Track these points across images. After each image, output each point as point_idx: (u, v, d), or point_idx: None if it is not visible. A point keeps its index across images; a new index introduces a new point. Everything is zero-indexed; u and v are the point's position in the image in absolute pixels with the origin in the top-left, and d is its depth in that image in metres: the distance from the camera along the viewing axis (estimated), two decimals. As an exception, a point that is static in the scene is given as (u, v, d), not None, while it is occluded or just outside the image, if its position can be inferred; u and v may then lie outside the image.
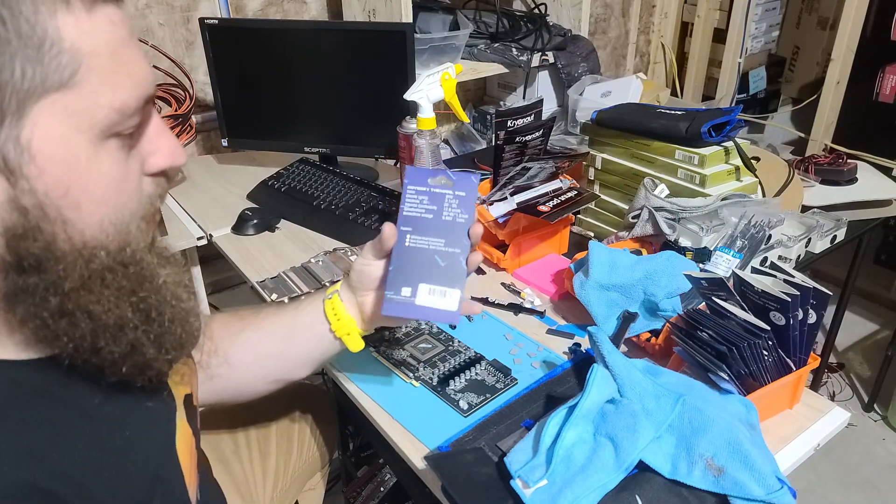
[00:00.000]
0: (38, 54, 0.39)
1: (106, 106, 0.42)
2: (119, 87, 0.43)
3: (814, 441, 0.77)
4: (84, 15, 0.40)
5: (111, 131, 0.43)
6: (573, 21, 2.00)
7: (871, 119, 2.11)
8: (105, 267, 0.44)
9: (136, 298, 0.46)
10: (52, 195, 0.41)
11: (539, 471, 0.67)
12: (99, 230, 0.44)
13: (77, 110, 0.41)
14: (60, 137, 0.41)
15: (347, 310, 0.77)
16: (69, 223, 0.42)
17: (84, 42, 0.40)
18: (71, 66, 0.40)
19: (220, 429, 1.02)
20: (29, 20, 0.38)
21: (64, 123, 0.41)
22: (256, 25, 1.48)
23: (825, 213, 1.27)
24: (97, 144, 0.43)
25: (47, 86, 0.39)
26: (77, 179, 0.42)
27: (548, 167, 1.11)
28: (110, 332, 0.45)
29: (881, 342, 2.13)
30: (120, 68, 0.43)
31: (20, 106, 0.39)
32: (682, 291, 0.89)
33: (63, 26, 0.39)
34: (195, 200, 1.44)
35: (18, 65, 0.38)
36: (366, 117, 1.43)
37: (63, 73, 0.40)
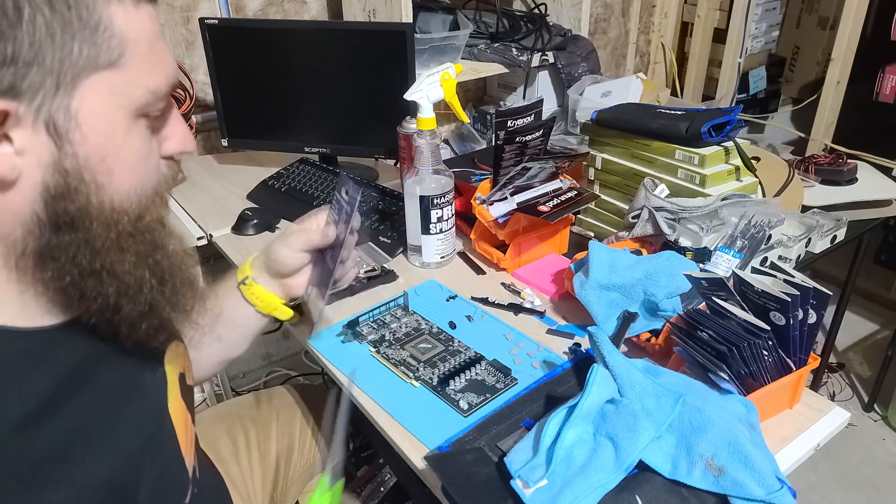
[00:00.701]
0: (94, 36, 0.45)
1: (143, 87, 0.48)
2: (155, 72, 0.49)
3: (814, 441, 0.77)
4: (132, 7, 0.47)
5: (144, 111, 0.49)
6: (573, 21, 2.00)
7: (871, 119, 2.11)
8: (127, 232, 0.50)
9: (151, 261, 0.52)
10: (91, 161, 0.47)
11: (539, 471, 0.67)
12: (126, 198, 0.50)
13: (120, 88, 0.47)
14: (104, 110, 0.47)
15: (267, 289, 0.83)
16: (102, 188, 0.48)
17: (130, 30, 0.47)
18: (119, 48, 0.46)
19: (219, 430, 1.02)
20: (88, 6, 0.44)
21: (108, 99, 0.47)
22: (256, 25, 1.48)
23: (825, 213, 1.27)
24: (131, 121, 0.49)
25: (98, 64, 0.45)
26: (113, 149, 0.48)
27: (548, 167, 1.11)
28: (132, 292, 0.51)
29: (881, 342, 2.13)
30: (155, 57, 0.49)
31: (74, 79, 0.45)
32: (682, 291, 0.89)
33: (115, 15, 0.46)
34: (195, 200, 1.44)
35: (77, 44, 0.44)
36: (366, 117, 1.43)
37: (112, 54, 0.46)
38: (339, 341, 0.95)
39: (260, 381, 2.01)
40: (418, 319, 0.99)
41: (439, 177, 1.08)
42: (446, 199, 1.08)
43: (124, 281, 0.50)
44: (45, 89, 0.44)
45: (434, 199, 1.06)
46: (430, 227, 1.09)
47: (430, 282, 1.09)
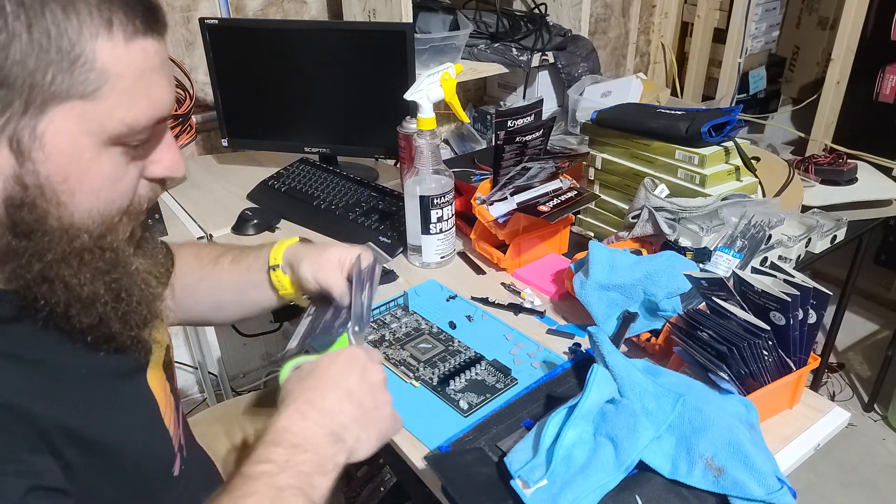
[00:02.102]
0: (71, 68, 0.46)
1: (118, 120, 0.49)
2: (134, 107, 0.49)
3: (814, 441, 0.78)
4: (122, 43, 0.48)
5: (118, 141, 0.50)
6: (573, 21, 2.00)
7: (871, 119, 2.11)
8: (85, 248, 0.51)
9: (109, 278, 0.53)
10: (52, 180, 0.48)
11: (539, 471, 0.67)
12: (87, 216, 0.51)
13: (91, 118, 0.48)
14: (70, 136, 0.48)
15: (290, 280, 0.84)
16: (62, 205, 0.49)
17: (114, 65, 0.47)
18: (97, 82, 0.47)
19: (217, 430, 1.02)
20: (71, 39, 0.46)
21: (76, 126, 0.47)
22: (256, 25, 1.48)
23: (825, 213, 1.27)
24: (102, 148, 0.49)
25: (71, 94, 0.46)
26: (76, 172, 0.49)
27: (548, 167, 1.11)
28: (82, 304, 0.52)
29: (881, 342, 2.13)
30: (140, 91, 0.50)
31: (43, 103, 0.46)
32: (682, 291, 0.89)
33: (100, 49, 0.47)
34: (195, 200, 1.44)
35: (51, 72, 0.45)
36: (366, 117, 1.43)
37: (87, 87, 0.47)
38: (339, 341, 0.95)
39: (260, 381, 2.01)
40: (418, 319, 0.99)
41: (439, 177, 1.08)
42: (446, 199, 1.08)
43: (76, 293, 0.51)
44: (12, 109, 0.45)
45: (434, 199, 1.06)
46: (430, 227, 1.09)
47: (430, 282, 1.09)
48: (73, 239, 0.50)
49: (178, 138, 1.42)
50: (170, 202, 1.44)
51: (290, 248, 0.84)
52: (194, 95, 1.48)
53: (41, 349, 0.52)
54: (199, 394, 1.96)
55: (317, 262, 0.80)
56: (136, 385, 0.63)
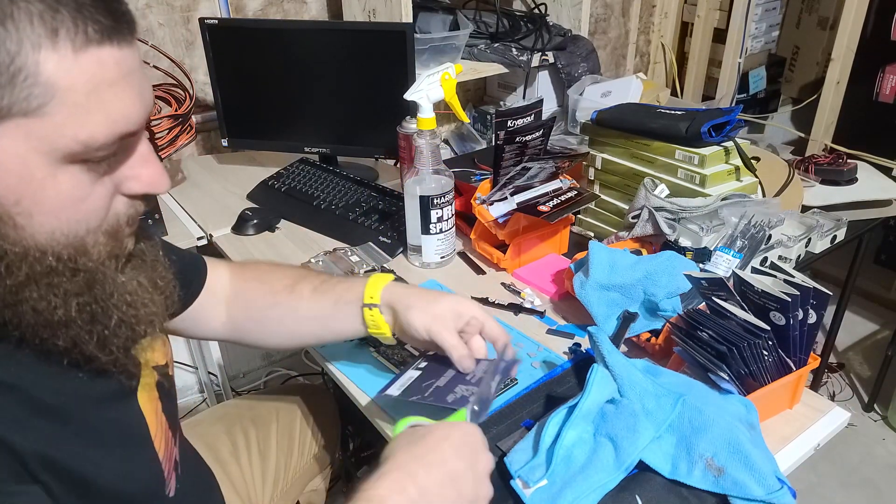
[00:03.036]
0: (11, 83, 0.41)
1: (70, 137, 0.44)
2: (89, 122, 0.45)
3: (814, 441, 0.78)
4: (69, 54, 0.43)
5: (74, 158, 0.46)
6: (573, 21, 2.00)
7: (871, 119, 2.11)
8: (52, 270, 0.47)
9: (82, 300, 0.49)
10: (4, 202, 0.44)
11: (539, 471, 0.67)
12: (49, 238, 0.47)
13: (39, 136, 0.43)
14: (18, 155, 0.43)
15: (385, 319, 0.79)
16: (20, 228, 0.46)
17: (62, 78, 0.43)
18: (41, 97, 0.42)
19: (218, 430, 1.02)
20: (10, 52, 0.41)
21: (24, 144, 0.43)
22: (256, 25, 1.48)
23: (825, 213, 1.27)
24: (57, 166, 0.45)
25: (12, 111, 0.42)
26: (30, 193, 0.45)
27: (548, 167, 1.11)
28: (53, 328, 0.49)
29: (881, 342, 2.13)
30: (96, 106, 0.45)
31: None
32: (682, 291, 0.89)
33: (44, 61, 0.42)
34: (195, 200, 1.44)
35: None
36: (366, 117, 1.43)
37: (31, 103, 0.42)
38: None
39: (260, 381, 2.01)
40: (418, 319, 0.99)
41: (439, 177, 1.08)
42: (446, 199, 1.08)
43: (44, 317, 0.48)
44: None
45: (434, 199, 1.06)
46: (430, 227, 1.09)
47: (430, 282, 1.09)
48: (37, 262, 0.47)
49: (177, 138, 1.41)
50: (170, 202, 1.44)
51: (391, 289, 0.78)
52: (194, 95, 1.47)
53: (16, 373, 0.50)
54: (199, 394, 1.96)
55: (430, 313, 0.74)
56: (121, 410, 0.60)
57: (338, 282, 0.83)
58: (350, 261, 1.13)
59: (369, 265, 1.11)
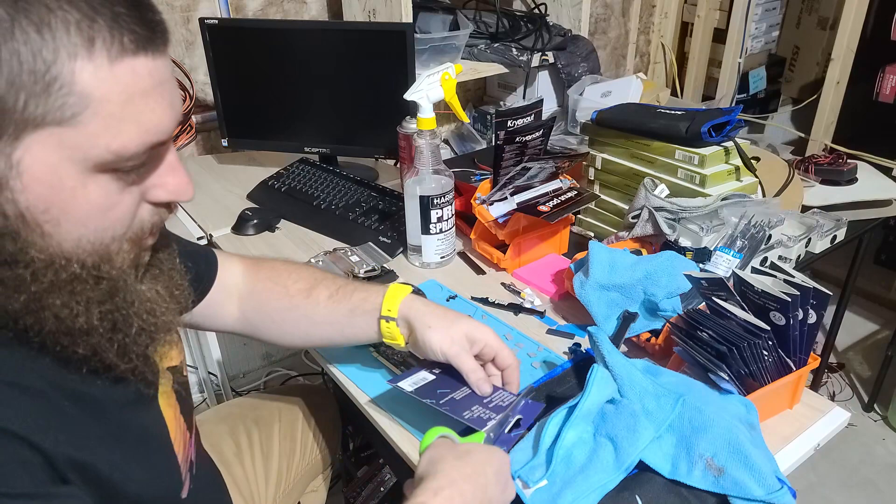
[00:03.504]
0: (46, 92, 0.42)
1: (102, 147, 0.44)
2: (122, 133, 0.45)
3: (814, 441, 0.77)
4: (105, 64, 0.43)
5: (105, 168, 0.46)
6: (573, 21, 2.00)
7: (871, 119, 2.11)
8: (76, 278, 0.47)
9: (104, 309, 0.49)
10: (33, 210, 0.44)
11: (539, 471, 0.67)
12: (76, 246, 0.47)
13: (71, 145, 0.44)
14: (49, 164, 0.44)
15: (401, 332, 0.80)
16: (47, 235, 0.46)
17: (97, 88, 0.43)
18: (76, 107, 0.43)
19: (222, 430, 1.02)
20: (46, 61, 0.41)
21: (55, 153, 0.43)
22: (256, 25, 1.48)
23: (825, 213, 1.27)
24: (87, 175, 0.45)
25: (47, 120, 0.42)
26: (59, 201, 0.45)
27: (548, 167, 1.11)
28: (74, 335, 0.48)
29: (881, 342, 2.13)
30: (129, 116, 0.45)
31: (17, 131, 0.42)
32: (682, 291, 0.89)
33: (79, 71, 0.42)
34: (195, 200, 1.42)
35: (22, 97, 0.41)
36: (366, 117, 1.43)
37: (65, 112, 0.42)
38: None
39: (260, 381, 2.01)
40: (418, 319, 0.99)
41: (439, 177, 1.08)
42: (446, 199, 1.08)
43: (66, 325, 0.48)
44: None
45: (434, 199, 1.06)
46: (430, 227, 1.09)
47: (430, 282, 1.09)
48: (62, 269, 0.47)
49: (177, 138, 1.41)
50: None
51: (409, 304, 0.79)
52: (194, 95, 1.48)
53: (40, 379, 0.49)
54: (199, 394, 1.96)
55: (448, 335, 0.75)
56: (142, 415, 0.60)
57: (354, 289, 0.83)
58: (350, 261, 1.13)
59: (369, 265, 1.11)
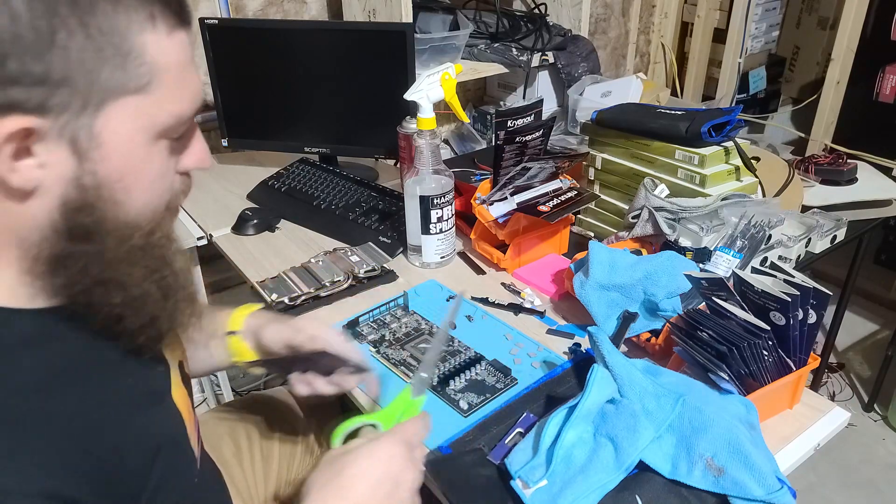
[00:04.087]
0: (125, 63, 0.46)
1: (168, 112, 0.50)
2: (180, 98, 0.50)
3: (814, 441, 0.78)
4: (165, 36, 0.48)
5: (166, 134, 0.51)
6: (573, 21, 2.00)
7: (871, 119, 2.11)
8: (139, 246, 0.51)
9: (158, 276, 0.53)
10: (110, 179, 0.48)
11: (539, 471, 0.67)
12: (140, 213, 0.51)
13: (144, 112, 0.48)
14: (126, 132, 0.48)
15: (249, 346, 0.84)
16: (119, 204, 0.49)
17: (161, 58, 0.48)
18: (148, 75, 0.47)
19: (221, 431, 1.02)
20: (122, 34, 0.46)
21: (131, 122, 0.48)
22: (256, 25, 1.48)
23: (825, 213, 1.27)
24: (152, 142, 0.50)
25: (127, 89, 0.47)
26: (132, 169, 0.49)
27: (548, 167, 1.11)
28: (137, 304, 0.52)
29: (881, 342, 2.13)
30: (183, 83, 0.51)
31: (101, 101, 0.46)
32: (682, 291, 0.89)
33: (147, 43, 0.47)
34: (195, 200, 1.44)
35: (107, 69, 0.45)
36: (366, 117, 1.43)
37: (141, 80, 0.47)
38: (339, 341, 0.95)
39: (260, 380, 2.01)
40: (418, 319, 0.99)
41: (439, 177, 1.08)
42: (446, 199, 1.08)
43: (131, 293, 0.51)
44: (71, 109, 0.45)
45: (434, 199, 1.06)
46: (430, 227, 1.09)
47: (430, 282, 1.09)
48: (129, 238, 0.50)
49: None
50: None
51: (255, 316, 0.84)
52: (194, 95, 1.48)
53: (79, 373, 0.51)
54: (200, 394, 1.96)
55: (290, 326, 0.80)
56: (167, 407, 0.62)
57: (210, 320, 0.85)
58: (350, 261, 1.13)
59: (369, 265, 1.11)
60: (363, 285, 1.08)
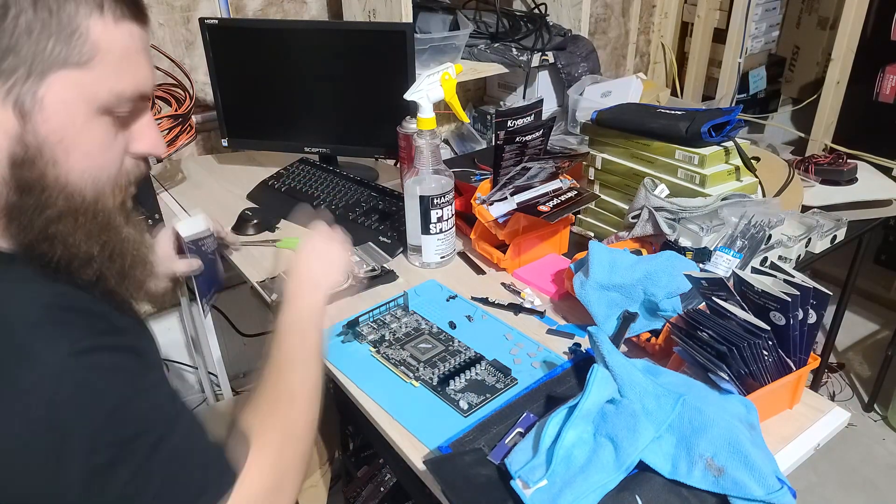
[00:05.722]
0: (69, 39, 0.53)
1: (108, 89, 0.55)
2: (121, 80, 0.56)
3: (814, 441, 0.77)
4: (111, 23, 0.55)
5: (108, 110, 0.56)
6: (573, 21, 2.00)
7: (871, 119, 2.11)
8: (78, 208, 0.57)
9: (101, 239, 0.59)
10: (50, 139, 0.54)
11: (539, 471, 0.67)
12: (80, 178, 0.56)
13: (84, 84, 0.54)
14: (66, 100, 0.54)
15: None
16: (58, 164, 0.55)
17: (104, 40, 0.54)
18: (89, 53, 0.54)
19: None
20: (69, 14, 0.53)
21: (71, 91, 0.54)
22: (256, 25, 1.48)
23: (825, 213, 1.27)
24: (93, 115, 0.56)
25: (68, 62, 0.53)
26: (71, 133, 0.55)
27: (548, 167, 1.11)
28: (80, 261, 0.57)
29: (881, 342, 2.13)
30: (125, 67, 0.57)
31: (44, 70, 0.52)
32: (682, 291, 0.89)
33: (93, 26, 0.54)
34: (195, 200, 1.44)
35: (51, 43, 0.52)
36: (366, 117, 1.43)
37: (82, 57, 0.54)
38: (338, 341, 0.95)
39: (260, 381, 2.00)
40: (418, 319, 0.99)
41: (439, 177, 1.08)
42: (446, 199, 1.08)
43: (71, 251, 0.57)
44: (17, 75, 0.51)
45: (434, 199, 1.06)
46: (430, 227, 1.09)
47: (430, 282, 1.09)
48: (69, 198, 0.56)
49: (177, 138, 1.41)
50: (170, 202, 1.44)
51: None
52: (194, 95, 1.47)
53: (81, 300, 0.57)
54: (199, 394, 1.96)
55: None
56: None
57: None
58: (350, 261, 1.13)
59: (369, 265, 1.11)
60: (363, 285, 1.08)
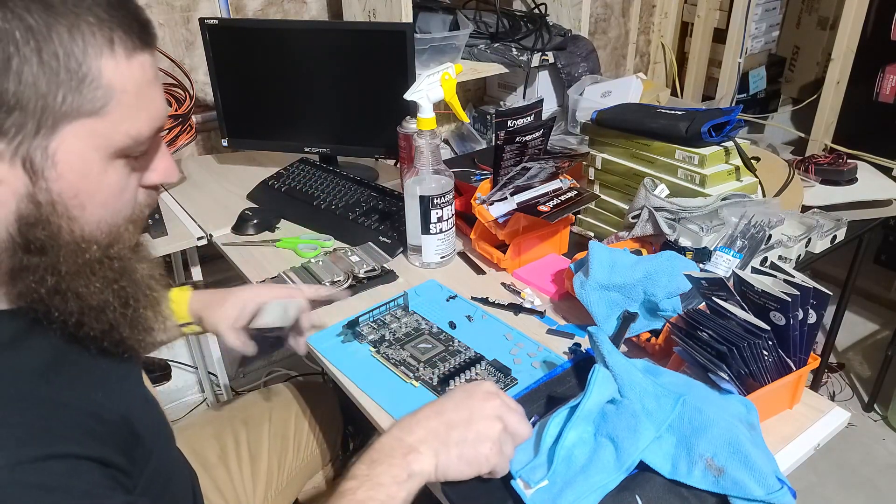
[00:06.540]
0: (80, 87, 0.47)
1: (124, 133, 0.50)
2: (138, 119, 0.51)
3: (814, 441, 0.77)
4: (123, 59, 0.49)
5: (123, 154, 0.52)
6: (573, 21, 2.00)
7: (871, 119, 2.11)
8: (95, 259, 0.52)
9: (117, 287, 0.55)
10: (64, 196, 0.49)
11: (540, 471, 0.67)
12: (96, 228, 0.52)
13: (99, 134, 0.49)
14: (81, 152, 0.49)
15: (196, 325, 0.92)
16: (74, 220, 0.50)
17: (118, 81, 0.49)
18: (103, 98, 0.48)
19: (206, 434, 1.02)
20: (77, 59, 0.47)
21: (86, 143, 0.49)
22: (256, 25, 1.48)
23: (825, 213, 1.27)
24: (108, 162, 0.51)
25: (81, 112, 0.48)
26: (86, 187, 0.50)
27: (548, 167, 1.11)
28: (94, 312, 0.53)
29: (881, 342, 2.13)
30: (141, 105, 0.51)
31: (55, 124, 0.47)
32: (682, 291, 0.89)
33: (104, 67, 0.48)
34: (195, 200, 1.44)
35: (61, 93, 0.47)
36: (366, 117, 1.43)
37: (96, 104, 0.48)
38: (339, 341, 0.95)
39: (260, 380, 2.01)
40: (418, 319, 0.99)
41: (439, 177, 1.08)
42: (446, 199, 1.08)
43: (88, 303, 0.52)
44: (25, 131, 0.46)
45: (434, 199, 1.06)
46: (430, 227, 1.09)
47: (430, 282, 1.09)
48: (85, 251, 0.51)
49: (177, 138, 1.41)
50: (170, 202, 1.43)
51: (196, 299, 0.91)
52: (194, 95, 1.47)
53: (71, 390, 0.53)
54: (199, 394, 1.96)
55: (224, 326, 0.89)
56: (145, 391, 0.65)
57: None
58: (350, 261, 1.13)
59: (369, 265, 1.11)
60: (363, 285, 1.08)
